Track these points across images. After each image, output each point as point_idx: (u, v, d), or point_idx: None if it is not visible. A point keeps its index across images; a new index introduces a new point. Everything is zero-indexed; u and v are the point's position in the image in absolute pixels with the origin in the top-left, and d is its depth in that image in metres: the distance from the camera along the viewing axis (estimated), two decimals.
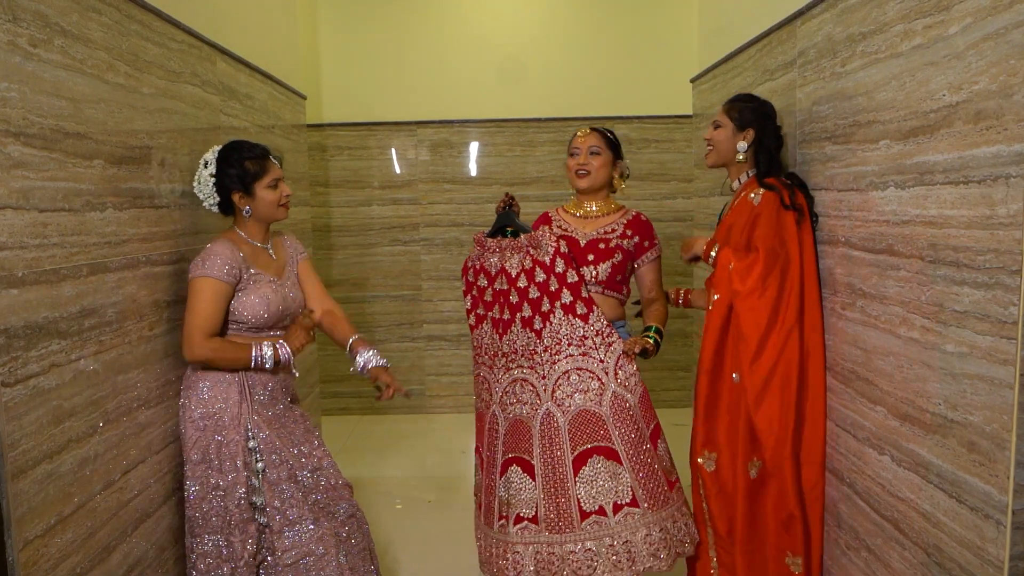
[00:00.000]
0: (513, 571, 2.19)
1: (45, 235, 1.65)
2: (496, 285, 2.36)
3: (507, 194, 2.51)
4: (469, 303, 2.46)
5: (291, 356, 2.20)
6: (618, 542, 2.14)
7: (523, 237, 2.35)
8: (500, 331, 2.35)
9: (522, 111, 4.96)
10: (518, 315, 2.31)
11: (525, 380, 2.30)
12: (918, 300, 1.74)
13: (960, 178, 1.57)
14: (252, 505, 2.13)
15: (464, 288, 2.48)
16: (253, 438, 2.14)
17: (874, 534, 1.96)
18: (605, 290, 2.39)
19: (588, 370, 2.26)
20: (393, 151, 5.07)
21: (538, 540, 2.18)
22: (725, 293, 2.23)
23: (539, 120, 4.95)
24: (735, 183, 2.42)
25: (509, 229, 2.42)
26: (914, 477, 1.77)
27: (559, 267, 2.29)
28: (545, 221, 2.50)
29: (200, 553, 2.11)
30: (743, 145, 2.34)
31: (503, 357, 2.35)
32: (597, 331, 2.28)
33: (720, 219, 2.49)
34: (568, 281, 2.29)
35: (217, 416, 2.12)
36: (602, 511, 2.16)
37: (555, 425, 2.23)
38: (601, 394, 2.24)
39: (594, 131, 2.47)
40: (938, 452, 1.67)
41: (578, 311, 2.28)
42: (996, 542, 1.49)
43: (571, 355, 2.27)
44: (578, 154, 2.45)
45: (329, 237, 5.08)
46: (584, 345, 2.27)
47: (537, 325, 2.29)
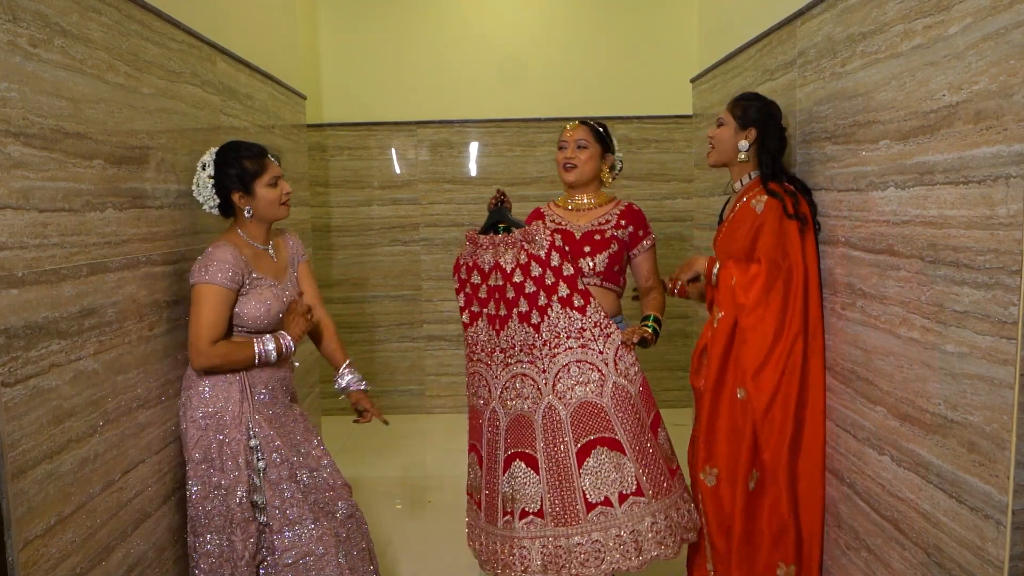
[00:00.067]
0: (520, 566, 2.19)
1: (45, 235, 1.65)
2: (490, 281, 2.36)
3: (499, 190, 2.51)
4: (463, 301, 2.46)
5: (293, 346, 2.20)
6: (625, 532, 2.14)
7: (517, 232, 2.35)
8: (496, 327, 2.35)
9: (522, 111, 4.96)
10: (514, 310, 2.31)
11: (525, 375, 2.30)
12: (918, 300, 1.74)
13: (960, 178, 1.57)
14: (253, 504, 2.13)
15: (456, 286, 2.48)
16: (254, 437, 2.14)
17: (874, 534, 1.96)
18: (603, 282, 2.39)
19: (588, 362, 2.26)
20: (393, 151, 5.07)
21: (544, 534, 2.18)
22: (729, 310, 2.21)
23: (539, 120, 4.95)
24: (737, 184, 2.38)
25: (502, 225, 2.42)
26: (914, 477, 1.77)
27: (554, 261, 2.29)
28: (538, 216, 2.49)
29: (203, 553, 2.11)
30: (744, 144, 2.29)
31: (501, 353, 2.35)
32: (595, 323, 2.28)
33: (721, 218, 2.48)
34: (564, 274, 2.29)
35: (218, 415, 2.12)
36: (608, 502, 2.16)
37: (557, 418, 2.24)
38: (602, 385, 2.25)
39: (582, 124, 2.46)
40: (938, 452, 1.67)
41: (575, 303, 2.28)
42: (996, 542, 1.49)
43: (570, 348, 2.27)
44: (566, 147, 2.44)
45: (329, 237, 5.08)
46: (583, 337, 2.27)
47: (534, 319, 2.29)
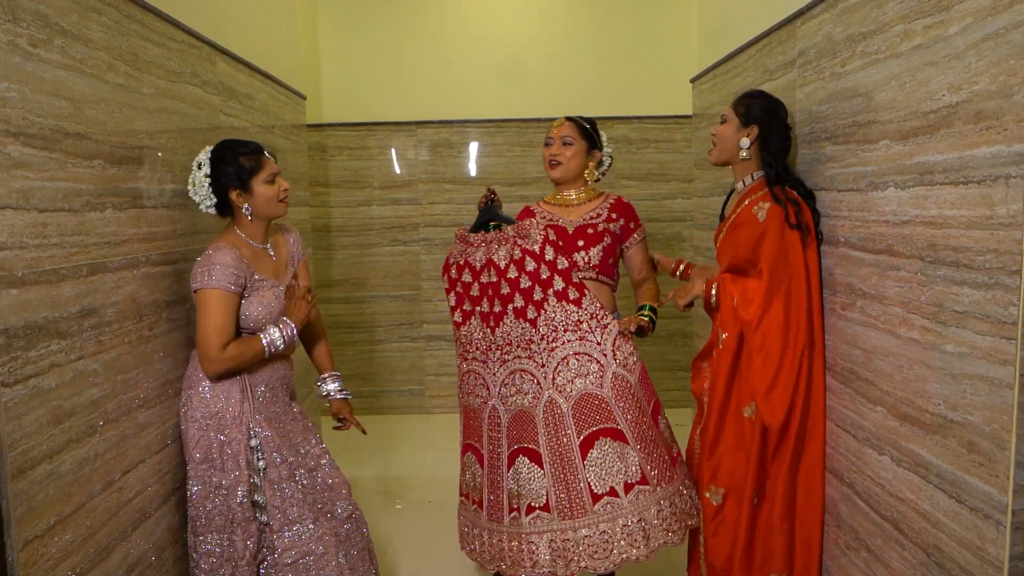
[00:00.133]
0: (529, 562, 2.19)
1: (45, 235, 1.65)
2: (483, 278, 2.37)
3: (489, 189, 2.52)
4: (453, 300, 2.45)
5: (295, 332, 2.20)
6: (632, 521, 2.15)
7: (510, 228, 2.35)
8: (491, 324, 2.35)
9: (522, 111, 4.95)
10: (510, 306, 2.31)
11: (524, 370, 2.30)
12: (918, 300, 1.74)
13: (960, 178, 1.57)
14: (254, 504, 2.13)
15: (447, 286, 2.48)
16: (255, 437, 2.13)
17: (874, 534, 1.96)
18: (599, 275, 2.39)
19: (586, 354, 2.27)
20: (393, 151, 5.07)
21: (552, 528, 2.19)
22: (734, 330, 2.20)
23: (539, 120, 4.95)
24: (740, 184, 2.34)
25: (492, 223, 2.42)
26: (914, 477, 1.77)
27: (548, 255, 2.30)
28: (528, 214, 2.49)
29: (203, 553, 2.11)
30: (745, 141, 2.25)
31: (497, 350, 2.35)
32: (591, 314, 2.29)
33: (723, 215, 2.47)
34: (559, 268, 2.30)
35: (219, 415, 2.12)
36: (614, 492, 2.17)
37: (559, 412, 2.24)
38: (602, 376, 2.25)
39: (569, 121, 2.46)
40: (938, 452, 1.67)
41: (570, 296, 2.29)
42: (996, 542, 1.49)
43: (568, 340, 2.28)
44: (552, 144, 2.46)
45: (329, 237, 5.08)
46: (580, 329, 2.28)
47: (531, 314, 2.29)
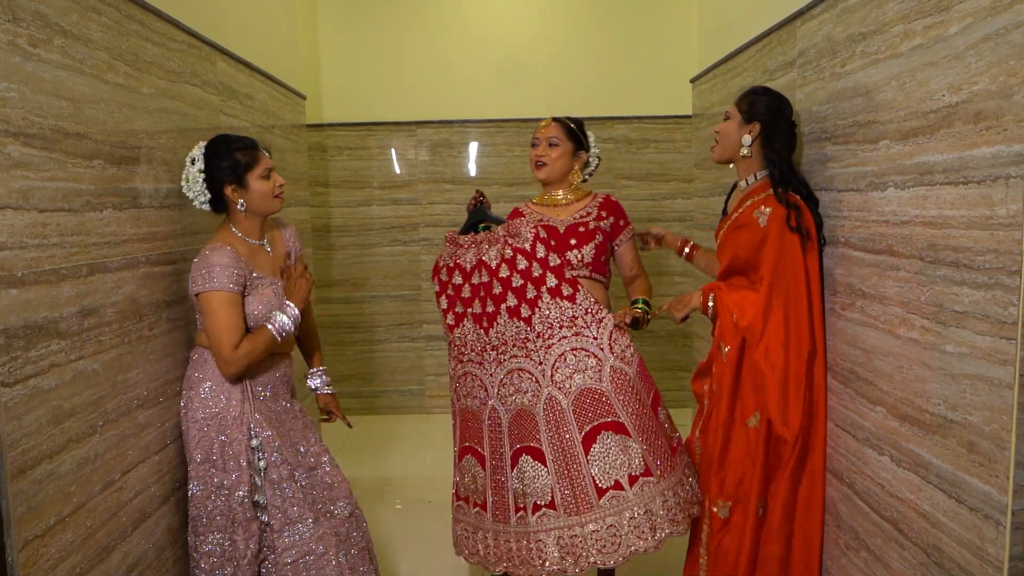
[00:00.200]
0: (538, 561, 2.19)
1: (45, 235, 1.65)
2: (474, 280, 2.37)
3: (478, 191, 2.53)
4: (445, 303, 2.45)
5: (297, 312, 2.19)
6: (639, 513, 2.15)
7: (500, 228, 2.36)
8: (485, 325, 2.35)
9: (522, 111, 4.95)
10: (503, 305, 2.31)
11: (522, 369, 2.30)
12: (918, 300, 1.74)
13: (960, 178, 1.57)
14: (255, 504, 2.13)
15: (437, 290, 2.47)
16: (256, 437, 2.13)
17: (874, 534, 1.96)
18: (592, 272, 2.40)
19: (583, 349, 2.27)
20: (393, 151, 5.07)
21: (559, 525, 2.19)
22: (734, 339, 2.19)
23: (539, 120, 4.93)
24: (743, 183, 2.31)
25: (482, 225, 2.42)
26: (914, 477, 1.77)
27: (540, 252, 2.30)
28: (518, 215, 2.49)
29: (204, 553, 2.11)
30: (747, 139, 2.21)
31: (493, 350, 2.35)
32: (586, 309, 2.29)
33: (725, 213, 2.45)
34: (551, 265, 2.30)
35: (220, 416, 2.12)
36: (618, 485, 2.17)
37: (559, 408, 2.24)
38: (600, 370, 2.25)
39: (555, 122, 2.48)
40: (938, 452, 1.67)
41: (564, 293, 2.29)
42: (996, 542, 1.49)
43: (564, 337, 2.28)
44: (538, 144, 2.48)
45: (329, 237, 5.07)
46: (575, 325, 2.28)
47: (524, 313, 2.29)
